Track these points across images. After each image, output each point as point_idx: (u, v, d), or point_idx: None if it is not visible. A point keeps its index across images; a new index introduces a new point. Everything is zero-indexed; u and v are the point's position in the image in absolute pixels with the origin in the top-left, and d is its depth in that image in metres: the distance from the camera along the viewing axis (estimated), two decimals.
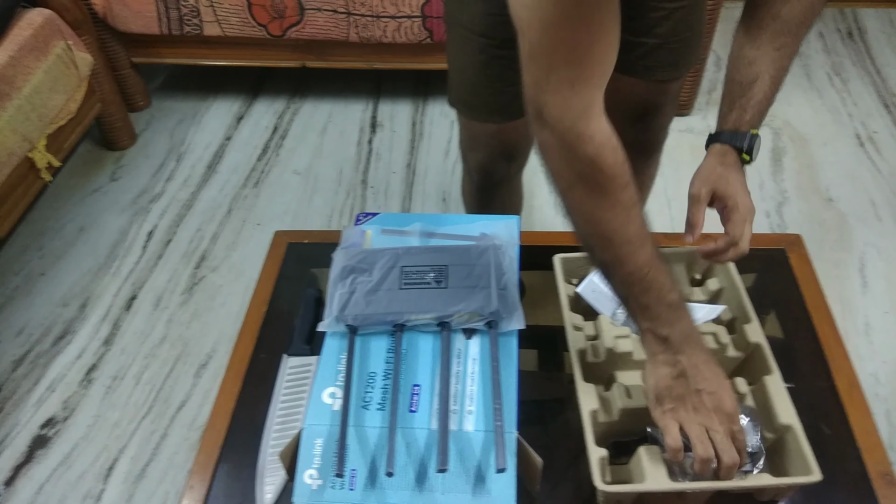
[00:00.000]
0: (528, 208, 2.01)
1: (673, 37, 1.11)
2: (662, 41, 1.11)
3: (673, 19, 1.08)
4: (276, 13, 2.06)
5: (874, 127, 2.25)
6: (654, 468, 0.68)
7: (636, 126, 1.26)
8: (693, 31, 1.14)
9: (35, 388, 1.63)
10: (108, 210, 2.07)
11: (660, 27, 1.09)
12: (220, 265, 1.90)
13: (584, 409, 0.72)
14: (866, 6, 2.76)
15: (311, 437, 0.71)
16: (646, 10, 1.08)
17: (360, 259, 0.84)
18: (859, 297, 1.76)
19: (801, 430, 0.70)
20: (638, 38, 1.11)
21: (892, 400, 1.55)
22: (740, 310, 0.82)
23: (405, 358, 0.77)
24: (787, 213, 1.98)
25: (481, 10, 1.03)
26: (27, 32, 1.74)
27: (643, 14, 1.08)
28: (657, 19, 1.08)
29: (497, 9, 1.03)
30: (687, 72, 1.21)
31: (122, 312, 1.79)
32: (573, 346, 0.77)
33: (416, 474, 0.69)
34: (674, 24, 1.09)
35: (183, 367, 1.66)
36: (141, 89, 2.38)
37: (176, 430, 1.54)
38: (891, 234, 1.92)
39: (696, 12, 1.11)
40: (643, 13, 1.08)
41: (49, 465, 1.49)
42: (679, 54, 1.14)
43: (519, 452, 0.69)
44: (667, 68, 1.16)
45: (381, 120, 2.36)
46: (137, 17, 2.08)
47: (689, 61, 1.18)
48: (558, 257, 0.86)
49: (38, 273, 1.89)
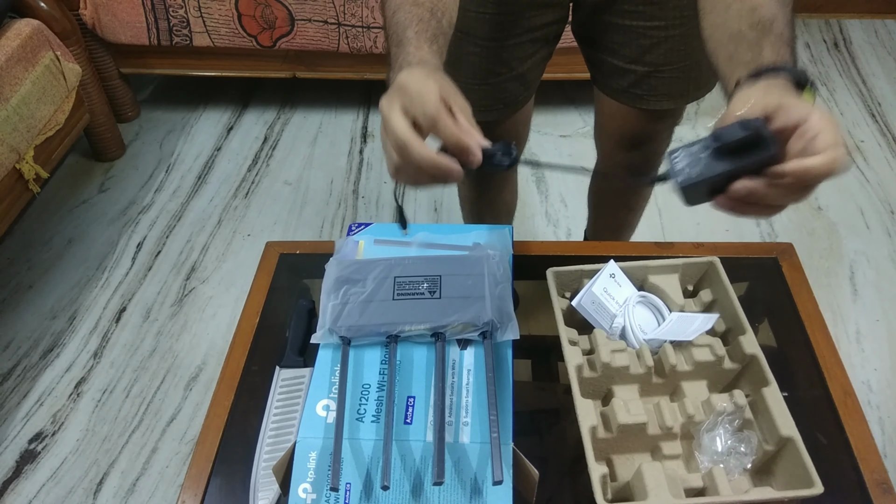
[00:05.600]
0: (521, 218, 2.01)
1: (667, 65, 1.08)
2: (653, 69, 1.08)
3: (665, 47, 1.06)
4: (267, 24, 2.05)
5: (861, 136, 2.27)
6: (656, 484, 0.68)
7: (631, 152, 1.25)
8: (692, 60, 1.08)
9: (23, 402, 1.61)
10: (97, 222, 2.06)
11: (650, 54, 1.07)
12: (210, 276, 1.89)
13: (583, 425, 0.72)
14: (851, 17, 2.79)
15: (304, 451, 0.71)
16: (634, 37, 1.06)
17: (353, 270, 0.83)
18: (850, 305, 1.77)
19: (801, 442, 0.70)
20: (628, 64, 1.09)
21: (884, 408, 1.56)
22: (734, 321, 0.82)
23: (399, 369, 0.76)
24: (777, 222, 1.99)
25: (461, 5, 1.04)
26: (15, 43, 1.73)
27: (632, 40, 1.07)
28: (647, 46, 1.06)
29: (475, 5, 1.03)
30: (687, 103, 1.17)
31: (112, 325, 1.77)
32: (570, 363, 0.77)
33: (411, 487, 0.68)
34: (666, 53, 1.07)
35: (173, 380, 1.65)
36: (130, 100, 2.37)
37: (167, 443, 1.53)
38: (880, 242, 1.93)
39: (694, 41, 1.00)
40: (631, 39, 1.07)
41: (38, 481, 1.48)
42: (675, 84, 1.11)
43: (515, 464, 0.68)
44: (661, 98, 1.13)
45: (371, 130, 2.36)
46: (126, 27, 2.07)
47: (687, 92, 1.14)
48: (551, 271, 0.86)
49: (26, 285, 1.87)
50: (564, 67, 1.80)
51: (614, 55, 1.10)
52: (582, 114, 2.38)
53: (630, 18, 1.04)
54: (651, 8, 1.03)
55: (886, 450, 1.48)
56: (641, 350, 0.79)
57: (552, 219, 2.02)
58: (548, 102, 2.40)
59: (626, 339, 0.82)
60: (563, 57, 1.35)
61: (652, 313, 0.85)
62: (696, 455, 0.74)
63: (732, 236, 1.93)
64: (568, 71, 1.92)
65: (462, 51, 1.08)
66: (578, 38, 1.16)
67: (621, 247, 1.13)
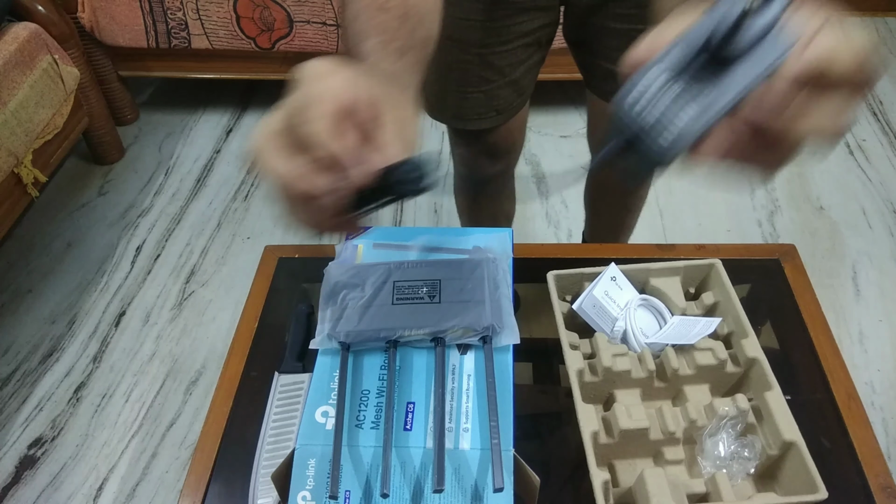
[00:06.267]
0: (521, 219, 2.00)
1: None
2: None
3: None
4: (265, 26, 2.05)
5: (863, 135, 2.26)
6: (658, 490, 0.67)
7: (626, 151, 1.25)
8: None
9: (22, 408, 1.61)
10: (96, 225, 2.05)
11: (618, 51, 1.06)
12: (209, 280, 1.88)
13: (584, 431, 0.71)
14: (853, 14, 2.78)
15: (303, 458, 0.70)
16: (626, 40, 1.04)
17: (352, 274, 0.83)
18: (853, 305, 1.76)
19: (804, 448, 0.69)
20: (596, 59, 1.09)
21: (888, 409, 1.55)
22: (736, 323, 0.81)
23: (399, 375, 0.75)
24: (778, 223, 1.98)
25: (449, 13, 1.03)
26: (12, 47, 1.72)
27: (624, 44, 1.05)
28: (614, 44, 1.05)
29: (463, 12, 1.03)
30: None
31: (111, 329, 1.77)
32: (572, 367, 0.76)
33: (411, 495, 0.67)
34: None
35: (173, 385, 1.64)
36: (129, 103, 2.37)
37: (166, 448, 1.52)
38: (882, 242, 1.92)
39: None
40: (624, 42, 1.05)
41: (37, 487, 1.47)
42: None
43: (516, 470, 0.68)
44: None
45: None
46: (125, 30, 2.06)
47: None
48: (552, 274, 0.85)
49: (25, 290, 1.87)
50: (565, 67, 1.79)
51: (607, 59, 1.10)
52: (582, 114, 2.37)
53: (622, 22, 1.03)
54: (642, 11, 1.02)
55: (890, 451, 1.47)
56: (643, 354, 0.78)
57: (553, 220, 2.02)
58: (548, 102, 2.39)
59: (628, 342, 0.81)
60: (563, 57, 1.34)
61: (653, 316, 0.84)
62: (699, 460, 0.73)
63: (734, 237, 1.92)
64: (568, 71, 1.89)
65: (452, 58, 1.07)
66: (570, 43, 1.15)
67: (622, 249, 1.12)
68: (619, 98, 0.37)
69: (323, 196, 0.46)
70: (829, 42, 0.39)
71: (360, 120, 0.48)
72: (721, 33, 0.35)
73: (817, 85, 0.38)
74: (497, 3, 1.01)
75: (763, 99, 0.36)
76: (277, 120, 0.48)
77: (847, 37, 0.39)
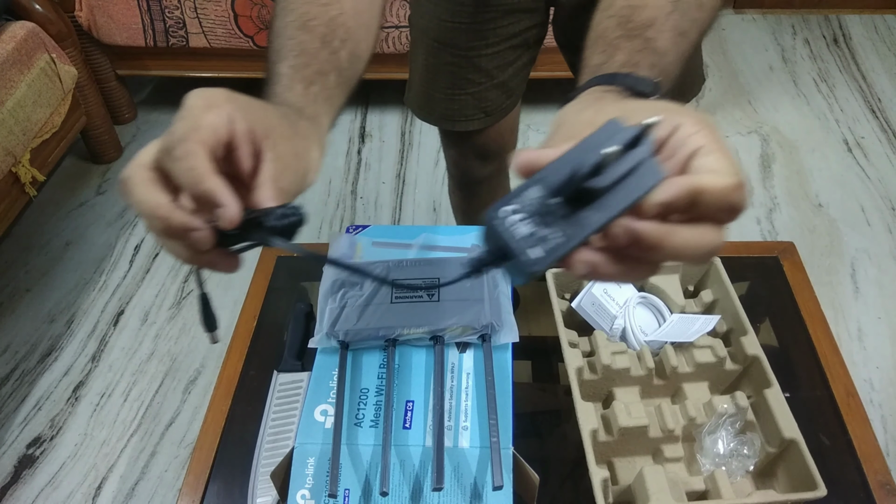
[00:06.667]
0: None
1: None
2: None
3: None
4: (263, 24, 2.05)
5: (861, 132, 2.26)
6: (658, 488, 0.67)
7: None
8: None
9: (21, 407, 1.61)
10: (95, 224, 2.05)
11: None
12: (207, 279, 1.87)
13: (584, 428, 0.71)
14: (851, 12, 2.78)
15: (302, 457, 0.70)
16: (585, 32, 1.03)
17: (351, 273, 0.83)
18: (852, 302, 1.76)
19: (804, 444, 0.69)
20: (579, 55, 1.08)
21: (887, 406, 1.55)
22: (735, 321, 0.81)
23: (398, 373, 0.75)
24: (777, 220, 1.98)
25: (436, 15, 1.03)
26: (10, 46, 1.72)
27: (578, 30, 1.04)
28: None
29: (449, 15, 1.03)
30: None
31: (110, 328, 1.77)
32: (571, 365, 0.76)
33: (410, 493, 0.67)
34: None
35: (171, 384, 1.64)
36: (127, 102, 2.36)
37: (165, 447, 1.52)
38: (881, 238, 1.92)
39: None
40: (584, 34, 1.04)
41: (36, 486, 1.47)
42: None
43: (515, 468, 0.68)
44: None
45: (370, 130, 2.35)
46: (122, 29, 2.06)
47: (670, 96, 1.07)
48: (551, 272, 0.85)
49: (23, 289, 1.87)
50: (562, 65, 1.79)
51: (570, 46, 1.09)
52: None
53: None
54: None
55: (889, 448, 1.47)
56: (642, 352, 0.78)
57: None
58: (547, 102, 2.39)
59: (627, 340, 0.81)
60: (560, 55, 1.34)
61: (652, 314, 0.84)
62: (698, 458, 0.73)
63: (733, 235, 1.91)
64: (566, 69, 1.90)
65: (440, 61, 1.07)
66: (560, 45, 1.14)
67: None
68: (493, 209, 0.39)
69: (188, 233, 0.45)
70: (704, 167, 0.39)
71: (239, 157, 0.46)
72: (582, 174, 0.37)
73: (686, 212, 0.38)
74: (482, 5, 1.01)
75: (628, 225, 0.37)
76: (152, 151, 0.46)
77: (721, 163, 0.39)
